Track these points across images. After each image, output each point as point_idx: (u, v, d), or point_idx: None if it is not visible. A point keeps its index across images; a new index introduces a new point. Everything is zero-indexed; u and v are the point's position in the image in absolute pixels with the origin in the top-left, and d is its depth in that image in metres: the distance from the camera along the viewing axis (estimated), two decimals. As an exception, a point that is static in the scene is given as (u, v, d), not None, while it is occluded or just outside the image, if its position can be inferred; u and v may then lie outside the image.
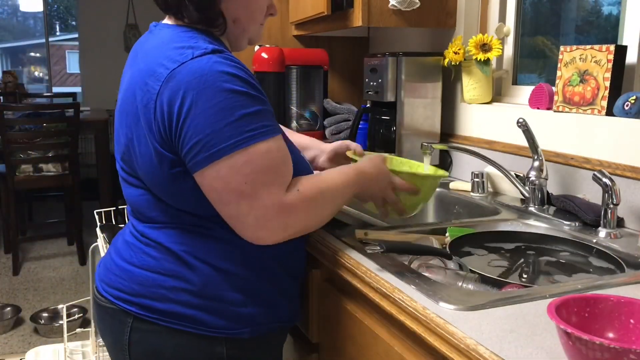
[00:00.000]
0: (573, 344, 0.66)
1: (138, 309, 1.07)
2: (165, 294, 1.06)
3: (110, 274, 1.13)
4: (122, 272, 1.11)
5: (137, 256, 1.10)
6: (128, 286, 1.09)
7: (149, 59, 1.01)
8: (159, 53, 1.00)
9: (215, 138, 0.93)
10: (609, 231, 1.24)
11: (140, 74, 1.01)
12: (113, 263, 1.14)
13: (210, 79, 0.94)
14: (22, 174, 3.74)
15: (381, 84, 1.82)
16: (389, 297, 0.95)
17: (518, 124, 1.42)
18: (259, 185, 0.95)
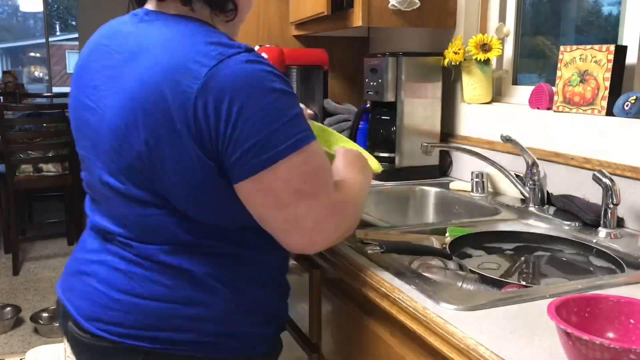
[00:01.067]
0: (573, 344, 0.66)
1: (150, 342, 0.95)
2: (183, 324, 0.95)
3: (105, 309, 0.97)
4: (124, 305, 0.96)
5: (141, 285, 0.96)
6: (135, 320, 0.95)
7: (172, 53, 0.88)
8: (185, 46, 0.89)
9: (274, 139, 0.86)
10: (609, 231, 1.24)
11: (164, 72, 0.87)
12: (104, 296, 0.98)
13: (257, 79, 0.87)
14: (22, 174, 3.74)
15: (381, 84, 1.82)
16: (389, 297, 0.95)
17: (502, 139, 1.43)
18: (317, 184, 0.90)
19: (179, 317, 0.95)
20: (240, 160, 0.86)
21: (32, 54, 12.04)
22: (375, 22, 1.82)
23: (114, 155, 0.94)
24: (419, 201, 1.74)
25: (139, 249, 0.97)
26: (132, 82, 0.91)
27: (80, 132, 1.04)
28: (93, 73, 1.00)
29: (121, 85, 0.93)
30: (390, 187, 1.77)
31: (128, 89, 0.91)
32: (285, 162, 0.87)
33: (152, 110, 0.88)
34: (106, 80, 0.96)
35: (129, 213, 0.97)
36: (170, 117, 0.87)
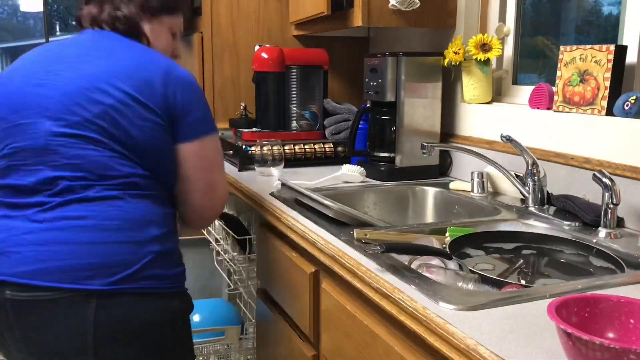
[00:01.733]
0: (573, 344, 0.66)
1: (103, 284, 1.08)
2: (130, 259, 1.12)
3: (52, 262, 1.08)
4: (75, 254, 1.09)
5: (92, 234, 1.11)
6: (88, 264, 1.09)
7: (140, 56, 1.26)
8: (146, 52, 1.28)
9: (210, 118, 1.29)
10: (609, 231, 1.24)
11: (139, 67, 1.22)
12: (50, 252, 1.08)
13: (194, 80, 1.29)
14: (22, 174, 3.74)
15: (381, 84, 1.82)
16: (389, 297, 0.95)
17: (502, 138, 1.43)
18: (222, 162, 1.35)
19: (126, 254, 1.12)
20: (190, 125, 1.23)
21: (32, 54, 12.02)
22: (375, 22, 1.82)
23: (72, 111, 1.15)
24: (418, 201, 1.74)
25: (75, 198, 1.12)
26: (106, 63, 1.21)
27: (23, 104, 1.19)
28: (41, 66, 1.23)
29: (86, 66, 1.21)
30: (390, 187, 1.77)
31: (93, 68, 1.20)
32: (215, 136, 1.29)
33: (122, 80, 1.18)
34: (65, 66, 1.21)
35: (84, 154, 1.14)
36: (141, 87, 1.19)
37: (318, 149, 2.09)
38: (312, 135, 2.20)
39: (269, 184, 1.74)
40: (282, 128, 2.20)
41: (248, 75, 2.29)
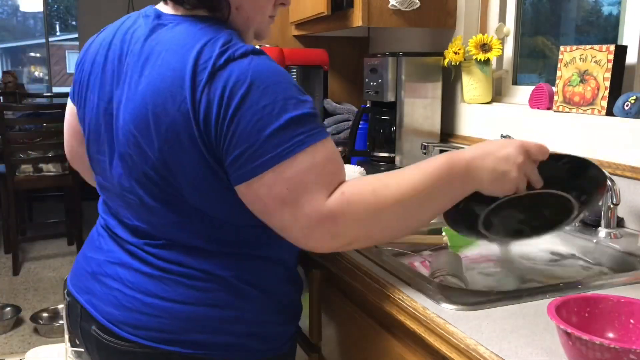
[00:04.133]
0: (573, 344, 0.66)
1: (184, 347, 0.95)
2: (216, 326, 0.96)
3: (136, 313, 0.97)
4: (156, 310, 0.96)
5: (174, 289, 0.96)
6: (169, 324, 0.95)
7: (181, 58, 0.89)
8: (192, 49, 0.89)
9: (265, 146, 0.84)
10: (609, 231, 1.24)
11: (172, 75, 0.88)
12: (135, 300, 0.97)
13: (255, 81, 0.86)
14: (22, 174, 3.74)
15: (381, 84, 1.82)
16: (389, 297, 0.95)
17: (502, 138, 1.43)
18: (300, 190, 0.85)
19: (212, 319, 0.96)
20: (234, 163, 0.87)
21: (32, 54, 12.04)
22: (375, 22, 1.82)
23: (131, 162, 0.95)
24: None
25: (160, 253, 0.98)
26: (144, 87, 0.91)
27: (94, 132, 1.03)
28: (107, 75, 1.00)
29: (135, 90, 0.93)
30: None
31: (140, 94, 0.92)
32: (272, 171, 0.85)
33: (161, 115, 0.89)
34: (118, 84, 0.97)
35: (151, 220, 0.98)
36: (178, 118, 0.87)
37: (318, 149, 2.08)
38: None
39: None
40: (282, 128, 2.20)
41: (248, 75, 2.29)
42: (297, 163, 0.85)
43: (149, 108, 0.90)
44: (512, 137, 1.44)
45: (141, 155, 0.93)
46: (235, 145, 0.85)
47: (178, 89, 0.87)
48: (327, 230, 0.86)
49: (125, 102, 0.94)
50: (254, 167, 0.85)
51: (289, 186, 0.85)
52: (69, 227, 4.16)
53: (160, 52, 0.92)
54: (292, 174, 0.85)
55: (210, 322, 0.96)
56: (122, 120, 0.95)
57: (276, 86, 0.86)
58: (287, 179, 0.85)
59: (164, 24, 0.96)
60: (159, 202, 0.95)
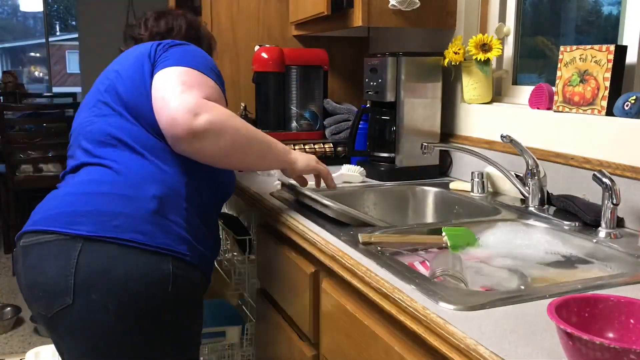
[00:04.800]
0: (573, 344, 0.66)
1: (89, 230, 1.16)
2: (121, 210, 1.18)
3: (55, 210, 1.24)
4: (69, 202, 1.23)
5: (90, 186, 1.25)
6: (73, 212, 1.20)
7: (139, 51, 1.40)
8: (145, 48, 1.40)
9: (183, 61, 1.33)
10: (609, 231, 1.24)
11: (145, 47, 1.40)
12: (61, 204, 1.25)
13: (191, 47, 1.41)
14: (22, 174, 3.74)
15: (381, 84, 1.82)
16: (389, 297, 0.95)
17: (502, 138, 1.43)
18: (194, 87, 1.26)
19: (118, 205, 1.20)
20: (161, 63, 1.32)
21: (32, 54, 12.04)
22: (375, 22, 1.82)
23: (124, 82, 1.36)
24: (418, 201, 1.74)
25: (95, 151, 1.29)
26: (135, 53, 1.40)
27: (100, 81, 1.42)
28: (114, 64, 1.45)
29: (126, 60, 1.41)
30: (390, 187, 1.77)
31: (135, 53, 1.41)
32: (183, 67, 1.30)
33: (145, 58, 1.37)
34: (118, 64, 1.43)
35: (120, 125, 1.30)
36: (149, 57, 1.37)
37: (318, 149, 2.09)
38: (312, 135, 2.20)
39: (269, 184, 1.74)
40: (282, 128, 2.20)
41: (248, 76, 2.29)
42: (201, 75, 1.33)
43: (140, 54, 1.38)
44: (512, 137, 1.44)
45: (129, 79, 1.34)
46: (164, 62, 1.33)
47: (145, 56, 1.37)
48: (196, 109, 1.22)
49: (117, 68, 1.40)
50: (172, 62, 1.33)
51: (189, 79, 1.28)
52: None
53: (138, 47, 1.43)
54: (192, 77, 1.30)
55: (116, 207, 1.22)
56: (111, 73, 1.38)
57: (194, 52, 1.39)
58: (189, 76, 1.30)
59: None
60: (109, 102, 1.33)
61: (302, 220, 1.36)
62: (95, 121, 1.33)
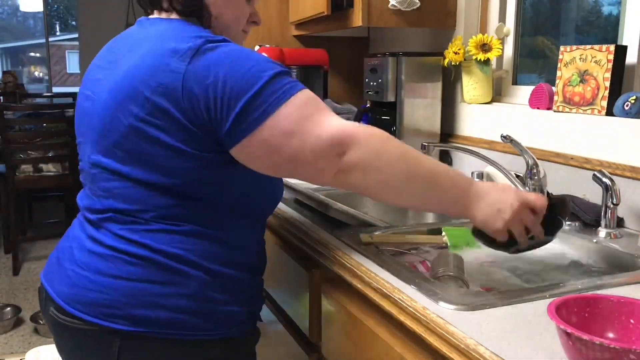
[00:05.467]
0: (573, 344, 0.66)
1: (127, 324, 0.98)
2: (158, 301, 0.99)
3: (84, 290, 1.01)
4: (101, 286, 0.99)
5: (118, 267, 1.00)
6: (112, 300, 0.99)
7: (163, 42, 0.99)
8: (174, 36, 1.00)
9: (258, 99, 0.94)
10: (609, 231, 1.24)
11: (155, 55, 0.97)
12: (83, 278, 1.01)
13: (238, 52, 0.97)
14: (22, 174, 3.74)
15: (381, 84, 1.82)
16: (389, 297, 0.95)
17: (502, 138, 1.43)
18: (303, 120, 0.95)
19: (151, 294, 0.99)
20: (232, 128, 0.94)
21: (32, 54, 12.05)
22: (375, 22, 1.82)
23: (104, 133, 1.02)
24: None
25: (113, 229, 1.03)
26: (129, 65, 1.00)
27: (79, 122, 1.13)
28: (95, 70, 1.11)
29: (117, 70, 1.03)
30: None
31: (124, 71, 1.01)
32: (274, 117, 0.94)
33: (141, 89, 0.97)
34: (105, 72, 1.06)
35: (110, 187, 1.03)
36: (161, 93, 0.96)
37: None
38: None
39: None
40: (282, 128, 2.20)
41: (248, 75, 2.29)
42: (294, 103, 0.95)
43: (131, 82, 0.98)
44: (512, 137, 1.44)
45: (115, 126, 1.00)
46: (229, 108, 0.94)
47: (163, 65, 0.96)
48: (337, 147, 0.95)
49: (108, 82, 1.04)
50: (252, 120, 0.94)
51: (294, 121, 0.95)
52: (69, 227, 4.15)
53: (143, 41, 1.03)
54: (292, 111, 0.95)
55: (150, 297, 0.99)
56: (103, 98, 1.03)
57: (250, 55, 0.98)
58: (290, 118, 0.95)
59: (148, 23, 1.09)
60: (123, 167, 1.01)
61: (302, 220, 1.36)
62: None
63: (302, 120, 0.95)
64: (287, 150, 0.95)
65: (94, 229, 1.06)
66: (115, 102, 1.00)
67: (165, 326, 0.99)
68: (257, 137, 0.94)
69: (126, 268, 0.99)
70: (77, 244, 1.07)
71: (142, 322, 0.98)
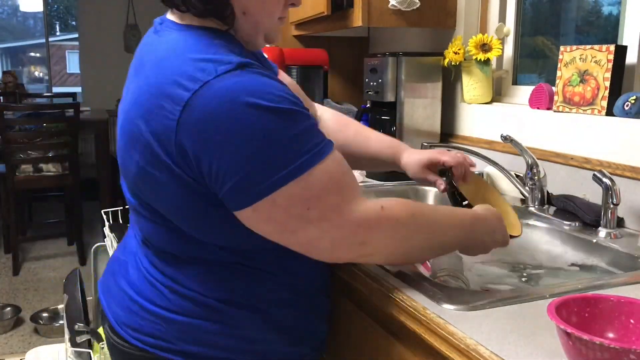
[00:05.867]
0: (573, 344, 0.66)
1: (179, 356, 0.95)
2: (212, 340, 0.95)
3: (136, 317, 0.98)
4: (153, 316, 0.97)
5: (168, 299, 0.96)
6: (165, 332, 0.96)
7: (160, 72, 0.85)
8: (172, 66, 0.84)
9: (267, 169, 0.79)
10: (609, 231, 1.24)
11: (151, 91, 0.85)
12: (136, 305, 0.99)
13: (240, 105, 0.79)
14: (22, 174, 3.74)
15: (381, 84, 1.82)
16: (389, 297, 0.95)
17: (503, 139, 1.43)
18: (324, 208, 0.83)
19: (205, 332, 0.95)
20: (231, 192, 0.82)
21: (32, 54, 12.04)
22: (375, 22, 1.82)
23: (124, 171, 0.96)
24: (419, 201, 1.74)
25: (158, 264, 0.99)
26: (130, 99, 0.90)
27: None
28: (129, 82, 0.98)
29: (125, 100, 0.93)
30: (391, 187, 1.77)
31: (127, 106, 0.91)
32: (281, 192, 0.81)
33: (136, 135, 0.87)
34: (125, 91, 0.96)
35: (143, 226, 0.99)
36: (150, 144, 0.85)
37: (318, 149, 2.08)
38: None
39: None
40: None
41: (248, 76, 2.29)
42: (313, 178, 0.82)
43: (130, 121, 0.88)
44: (512, 137, 1.44)
45: (127, 169, 0.93)
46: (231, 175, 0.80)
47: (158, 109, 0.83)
48: (359, 238, 0.87)
49: (120, 112, 0.95)
50: (256, 192, 0.81)
51: (310, 205, 0.82)
52: (69, 227, 4.16)
53: (147, 63, 0.90)
54: (308, 192, 0.82)
55: (204, 335, 0.95)
56: (119, 131, 0.95)
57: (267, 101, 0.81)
58: (305, 198, 0.82)
59: (159, 31, 0.94)
60: (152, 217, 0.95)
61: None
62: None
63: (323, 206, 0.83)
64: (302, 235, 0.85)
65: (145, 253, 1.02)
66: (124, 142, 0.92)
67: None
68: (262, 208, 0.82)
69: (180, 302, 0.95)
70: (133, 261, 1.04)
71: (195, 357, 0.96)
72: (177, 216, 0.91)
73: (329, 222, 0.84)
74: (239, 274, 0.96)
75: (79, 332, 1.52)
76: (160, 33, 0.94)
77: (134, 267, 1.03)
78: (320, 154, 0.83)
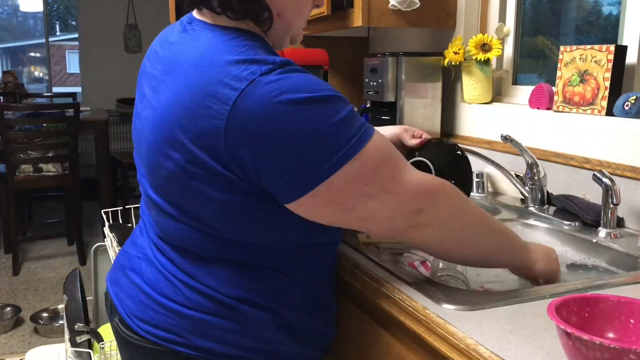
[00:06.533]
0: (573, 344, 0.66)
1: (191, 350, 0.96)
2: (224, 336, 0.96)
3: (149, 310, 0.99)
4: (167, 310, 0.97)
5: (184, 295, 0.97)
6: (178, 326, 0.97)
7: (201, 72, 0.86)
8: (215, 65, 0.85)
9: (318, 159, 0.82)
10: (609, 231, 1.24)
11: (193, 91, 0.85)
12: (149, 298, 1.00)
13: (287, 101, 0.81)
14: (22, 174, 3.74)
15: (381, 84, 1.82)
16: (389, 297, 0.95)
17: (503, 139, 1.43)
18: (382, 181, 0.86)
19: (217, 329, 0.96)
20: (287, 185, 0.84)
21: (32, 54, 12.05)
22: (375, 22, 1.82)
23: (152, 171, 0.96)
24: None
25: (175, 259, 0.99)
26: (165, 99, 0.90)
27: (134, 140, 1.05)
28: (145, 80, 1.00)
29: (157, 99, 0.93)
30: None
31: (161, 105, 0.91)
32: (339, 175, 0.83)
33: (182, 132, 0.86)
34: (150, 90, 0.96)
35: (166, 225, 0.99)
36: (200, 141, 0.85)
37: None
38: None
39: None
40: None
41: (248, 75, 2.28)
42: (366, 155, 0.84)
43: (169, 123, 0.88)
44: (512, 137, 1.44)
45: (157, 168, 0.94)
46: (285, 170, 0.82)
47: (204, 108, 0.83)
48: (416, 206, 0.89)
49: (150, 110, 0.95)
50: (312, 180, 0.83)
51: (368, 181, 0.85)
52: (69, 227, 4.16)
53: (182, 63, 0.90)
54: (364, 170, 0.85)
55: (216, 331, 0.96)
56: (147, 130, 0.95)
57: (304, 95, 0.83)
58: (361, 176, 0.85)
59: (190, 31, 0.94)
60: (181, 217, 0.95)
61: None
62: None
63: (380, 179, 0.86)
64: (361, 210, 0.87)
65: (159, 248, 1.02)
66: (157, 143, 0.92)
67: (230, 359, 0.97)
68: (322, 193, 0.84)
69: (194, 297, 0.96)
70: (145, 257, 1.04)
71: (206, 352, 0.97)
72: (213, 215, 0.91)
73: (389, 193, 0.87)
74: (258, 274, 0.97)
75: (79, 332, 1.52)
76: (190, 32, 0.93)
77: (146, 261, 1.03)
78: (368, 132, 0.86)
